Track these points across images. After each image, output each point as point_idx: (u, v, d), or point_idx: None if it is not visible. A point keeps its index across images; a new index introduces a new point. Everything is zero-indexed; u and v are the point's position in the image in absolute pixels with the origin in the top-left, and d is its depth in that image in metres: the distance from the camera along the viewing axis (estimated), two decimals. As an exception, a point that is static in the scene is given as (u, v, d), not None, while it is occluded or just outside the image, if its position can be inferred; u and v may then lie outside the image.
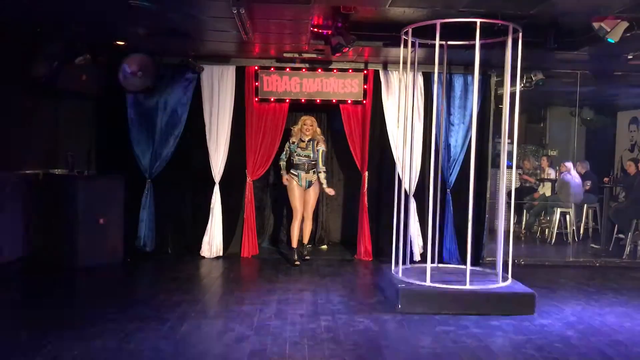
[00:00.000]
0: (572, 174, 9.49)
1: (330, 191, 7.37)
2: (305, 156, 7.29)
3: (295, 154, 7.32)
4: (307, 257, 7.65)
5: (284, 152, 7.42)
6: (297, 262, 7.29)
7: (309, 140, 7.30)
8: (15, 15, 5.90)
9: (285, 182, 7.40)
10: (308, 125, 7.27)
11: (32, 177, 6.84)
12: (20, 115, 6.68)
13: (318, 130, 7.42)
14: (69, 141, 7.48)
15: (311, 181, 7.35)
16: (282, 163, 7.42)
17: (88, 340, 4.32)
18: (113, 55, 6.97)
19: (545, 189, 10.32)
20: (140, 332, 4.57)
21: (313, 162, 7.32)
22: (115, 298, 5.73)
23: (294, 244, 7.40)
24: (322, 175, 7.29)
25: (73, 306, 5.36)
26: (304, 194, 7.36)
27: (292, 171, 7.35)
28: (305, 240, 7.65)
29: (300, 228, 7.45)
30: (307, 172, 7.30)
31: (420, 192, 7.59)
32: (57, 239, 6.76)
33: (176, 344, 4.31)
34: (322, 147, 7.32)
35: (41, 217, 6.88)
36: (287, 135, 7.57)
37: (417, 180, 7.57)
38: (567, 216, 9.38)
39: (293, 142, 7.34)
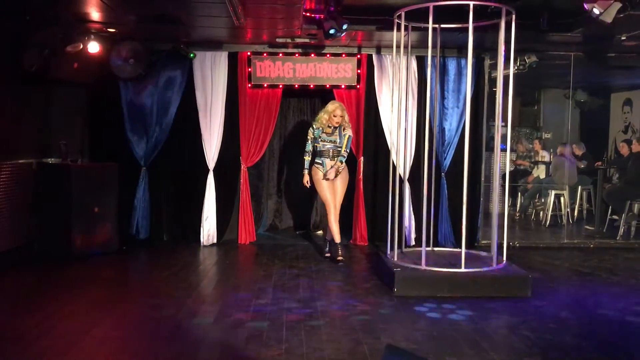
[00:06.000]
0: (567, 156, 9.51)
1: (333, 172, 6.58)
2: (331, 142, 6.62)
3: (320, 140, 6.65)
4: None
5: (308, 142, 6.69)
6: (340, 258, 6.68)
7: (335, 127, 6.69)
8: (4, 3, 5.84)
9: (306, 183, 6.72)
10: (338, 117, 6.53)
11: (25, 167, 6.80)
12: (12, 105, 6.62)
13: (347, 117, 6.70)
14: (62, 130, 7.42)
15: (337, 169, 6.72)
16: (307, 158, 6.66)
17: (86, 328, 4.33)
18: (105, 43, 6.91)
19: (540, 172, 10.35)
20: (137, 319, 4.58)
21: (339, 149, 6.65)
22: (111, 286, 5.74)
23: (337, 239, 6.70)
24: (342, 159, 6.60)
25: (69, 295, 5.36)
26: (332, 184, 6.68)
27: (316, 160, 6.69)
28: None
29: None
30: (332, 159, 6.61)
31: (415, 177, 7.59)
32: (52, 228, 6.74)
33: (173, 330, 4.32)
34: (348, 132, 6.69)
35: (35, 207, 6.85)
36: (280, 121, 7.50)
37: (411, 164, 7.56)
38: (562, 198, 9.41)
39: (318, 128, 6.66)
